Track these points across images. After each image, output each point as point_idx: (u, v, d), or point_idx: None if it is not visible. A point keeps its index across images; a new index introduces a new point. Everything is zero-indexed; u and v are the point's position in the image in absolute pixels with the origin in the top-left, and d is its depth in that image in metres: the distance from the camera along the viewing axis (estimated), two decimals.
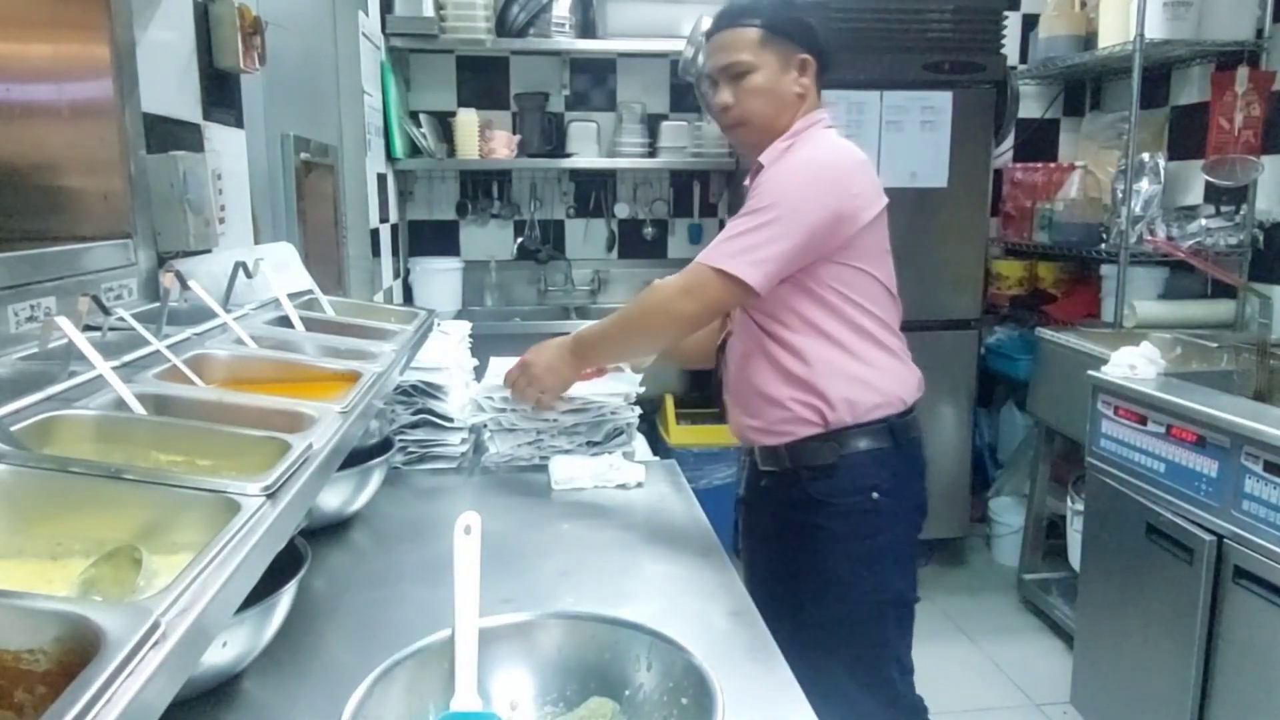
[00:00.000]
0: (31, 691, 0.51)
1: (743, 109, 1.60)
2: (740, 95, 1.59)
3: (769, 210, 1.50)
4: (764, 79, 1.58)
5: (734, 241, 1.51)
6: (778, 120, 1.61)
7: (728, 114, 1.62)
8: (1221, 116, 2.90)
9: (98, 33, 1.23)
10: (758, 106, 1.59)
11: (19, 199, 1.24)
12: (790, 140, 1.60)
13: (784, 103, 1.61)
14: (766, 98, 1.59)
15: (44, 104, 1.25)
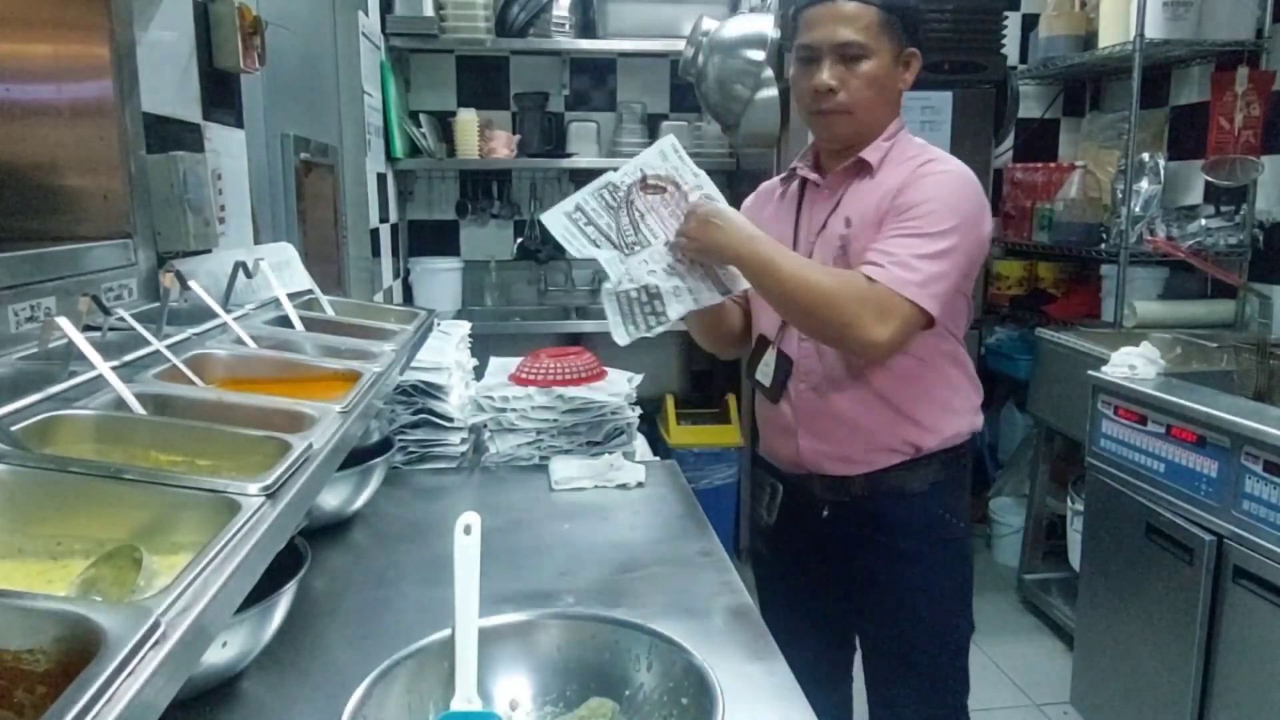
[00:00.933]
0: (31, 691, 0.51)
1: (852, 97, 1.41)
2: (850, 80, 1.40)
3: (952, 235, 1.36)
4: (878, 67, 1.40)
5: (925, 267, 1.34)
6: (881, 117, 1.46)
7: (829, 98, 1.41)
8: (1221, 116, 2.90)
9: (98, 33, 1.23)
10: (868, 98, 1.42)
11: (19, 199, 1.24)
12: (891, 141, 1.47)
13: (889, 99, 1.46)
14: (877, 90, 1.42)
15: (44, 104, 1.25)
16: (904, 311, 1.33)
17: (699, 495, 1.68)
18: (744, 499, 3.72)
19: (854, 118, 1.43)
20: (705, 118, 3.64)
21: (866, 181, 1.45)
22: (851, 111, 1.42)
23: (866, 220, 1.42)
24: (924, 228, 1.36)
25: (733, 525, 3.71)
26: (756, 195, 1.69)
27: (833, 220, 1.47)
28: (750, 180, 3.85)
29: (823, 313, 1.35)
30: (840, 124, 1.44)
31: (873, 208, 1.42)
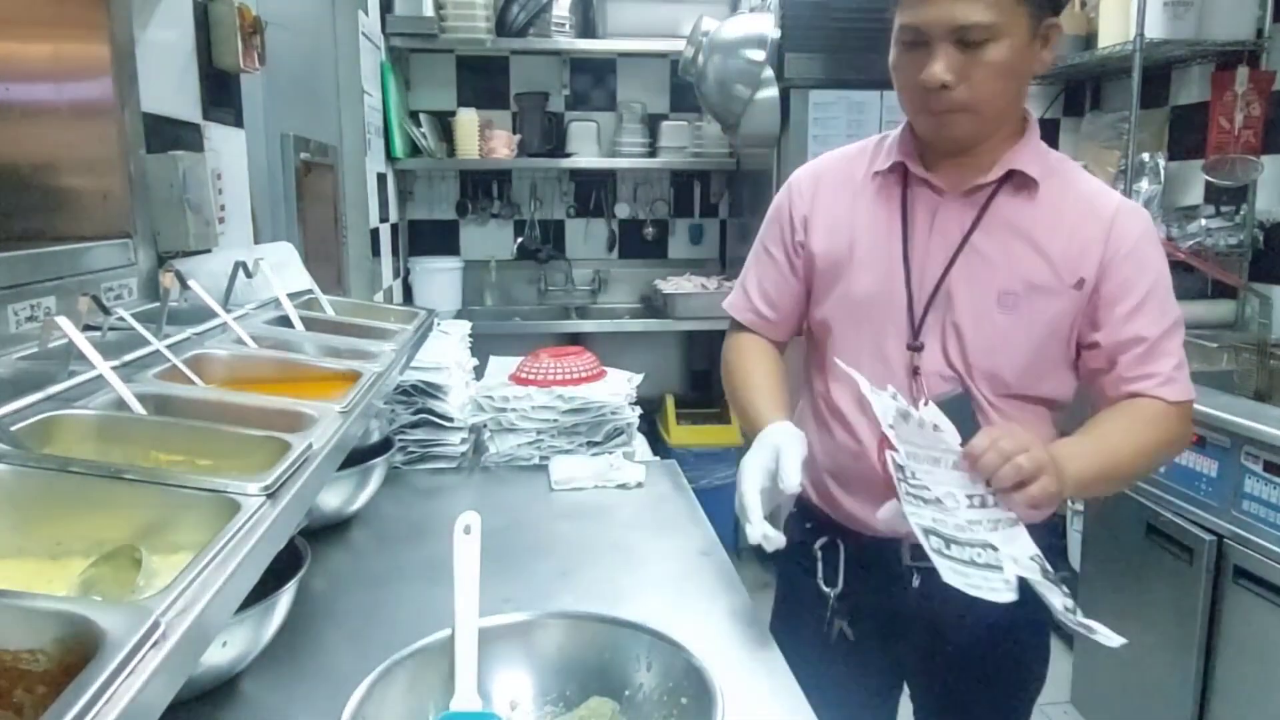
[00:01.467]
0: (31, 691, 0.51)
1: (976, 92, 1.10)
2: (973, 71, 1.09)
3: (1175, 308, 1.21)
4: (1010, 52, 1.08)
5: (1182, 356, 1.21)
6: (1012, 111, 1.18)
7: (943, 95, 1.11)
8: (1221, 116, 2.90)
9: (98, 32, 1.23)
10: (996, 92, 1.11)
11: (19, 199, 1.24)
12: (1037, 142, 1.21)
13: (1023, 88, 1.18)
14: (1009, 79, 1.12)
15: (44, 104, 1.25)
16: (1191, 411, 1.23)
17: (699, 495, 1.68)
18: None
19: (977, 117, 1.13)
20: (705, 118, 3.64)
21: (1025, 201, 1.18)
22: (975, 109, 1.12)
23: (1054, 270, 1.17)
24: (1170, 310, 1.20)
25: (733, 525, 3.71)
26: (822, 176, 1.32)
27: (983, 241, 1.18)
28: (751, 180, 3.87)
29: (1152, 466, 1.25)
30: (959, 125, 1.14)
31: (1057, 250, 1.16)
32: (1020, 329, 1.18)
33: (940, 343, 1.20)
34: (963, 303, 1.18)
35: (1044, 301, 1.17)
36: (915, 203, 1.22)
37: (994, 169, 1.18)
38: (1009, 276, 1.17)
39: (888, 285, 1.22)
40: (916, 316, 1.21)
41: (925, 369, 1.21)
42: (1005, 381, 1.20)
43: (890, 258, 1.22)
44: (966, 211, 1.20)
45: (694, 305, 3.51)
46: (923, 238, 1.21)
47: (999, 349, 1.18)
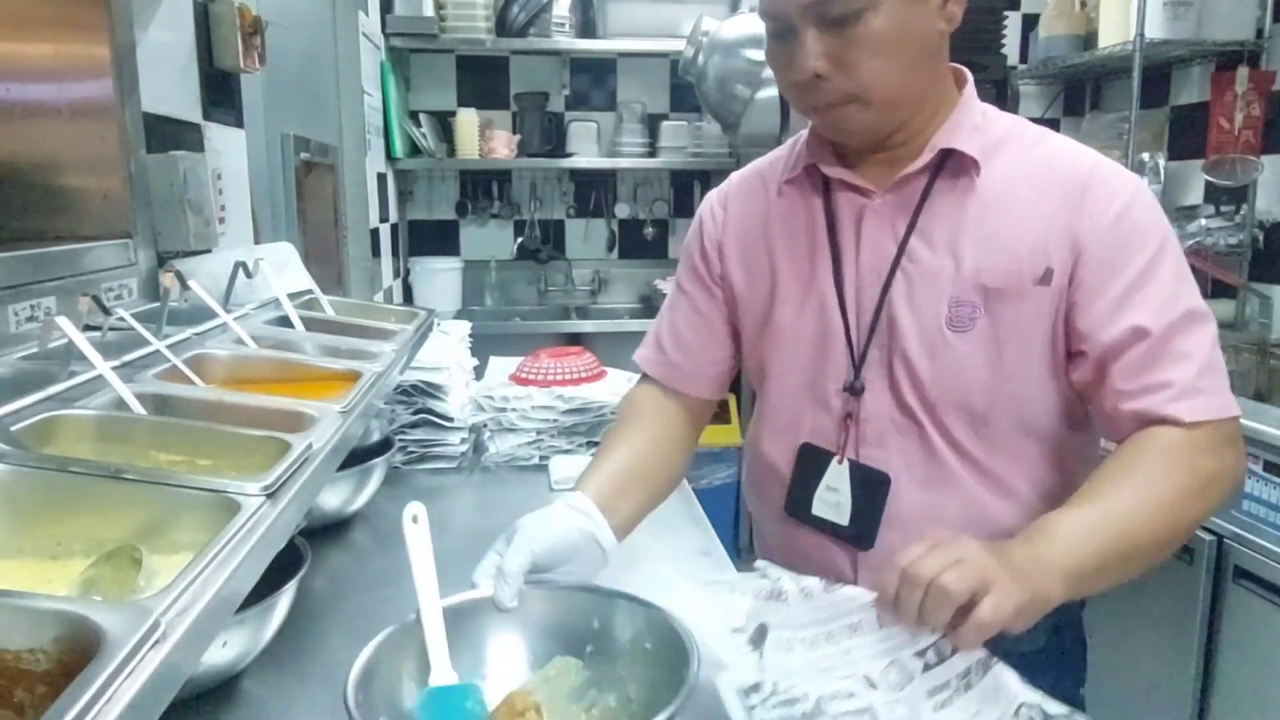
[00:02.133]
0: (31, 691, 0.51)
1: (856, 78, 0.90)
2: (848, 54, 0.90)
3: (1189, 280, 0.95)
4: (887, 21, 0.88)
5: (1213, 356, 0.93)
6: (921, 85, 0.95)
7: (821, 88, 0.92)
8: (1221, 116, 2.90)
9: (98, 33, 1.23)
10: (883, 71, 0.90)
11: (19, 199, 1.24)
12: (975, 112, 0.98)
13: (926, 53, 0.93)
14: (897, 52, 0.90)
15: (44, 104, 1.25)
16: (1234, 431, 0.93)
17: (699, 495, 1.68)
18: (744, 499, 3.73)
19: (869, 106, 0.92)
20: (705, 118, 3.64)
21: (967, 187, 0.96)
22: (862, 98, 0.92)
23: (1012, 264, 0.93)
24: (1184, 296, 0.92)
25: (733, 525, 3.71)
26: (731, 195, 1.16)
27: (921, 246, 0.96)
28: None
29: (1191, 523, 0.91)
30: (853, 119, 0.94)
31: (1012, 238, 0.94)
32: (980, 348, 0.94)
33: (887, 380, 0.99)
34: (907, 326, 0.96)
35: (1004, 309, 0.94)
36: (839, 210, 1.01)
37: (923, 154, 0.96)
38: (958, 285, 0.94)
39: (819, 317, 1.02)
40: (857, 351, 1.00)
41: (867, 415, 0.99)
42: (980, 415, 0.96)
43: (817, 282, 1.02)
44: (899, 213, 0.98)
45: None
46: (851, 252, 1.00)
47: (959, 377, 0.95)
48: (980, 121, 0.98)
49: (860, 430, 1.00)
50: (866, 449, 1.01)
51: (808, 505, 1.04)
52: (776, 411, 1.09)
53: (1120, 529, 0.84)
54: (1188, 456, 0.88)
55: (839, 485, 1.01)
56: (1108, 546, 0.83)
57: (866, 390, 1.00)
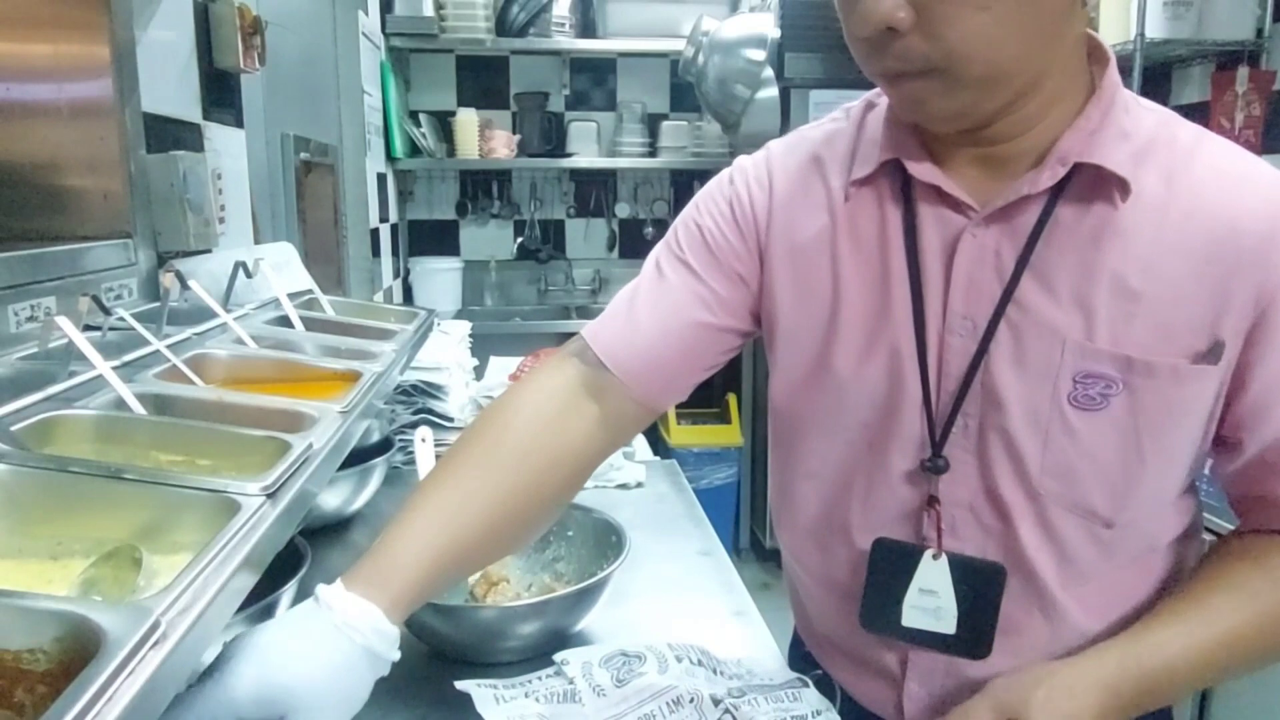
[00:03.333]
0: (31, 691, 0.51)
1: (943, 41, 0.64)
2: (938, 6, 0.63)
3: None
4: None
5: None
6: (1040, 65, 0.68)
7: (892, 46, 0.66)
8: (1221, 116, 2.90)
9: (98, 32, 1.23)
10: (985, 37, 0.64)
11: (19, 199, 1.24)
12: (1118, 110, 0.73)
13: (1055, 23, 0.67)
14: (1012, 17, 0.63)
15: (44, 104, 1.25)
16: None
17: (699, 495, 1.68)
18: (744, 499, 3.73)
19: (957, 83, 0.66)
20: (705, 117, 3.64)
21: (1107, 213, 0.71)
22: (949, 69, 0.65)
23: (1167, 330, 0.70)
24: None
25: (733, 525, 3.71)
26: (773, 171, 0.84)
27: (1036, 291, 0.72)
28: None
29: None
30: (934, 96, 0.68)
31: (1185, 302, 0.70)
32: (1110, 436, 0.72)
33: (977, 461, 0.76)
34: (1012, 399, 0.73)
35: (1151, 389, 0.70)
36: (924, 228, 0.75)
37: (1046, 165, 0.71)
38: (1086, 352, 0.71)
39: (889, 369, 0.77)
40: (938, 420, 0.76)
41: (950, 499, 0.77)
42: (1101, 517, 0.74)
43: (891, 324, 0.77)
44: (1007, 241, 0.73)
45: None
46: (938, 287, 0.75)
47: (1081, 470, 0.73)
48: (1126, 119, 0.72)
49: (939, 518, 0.78)
50: (948, 540, 0.78)
51: (897, 615, 0.80)
52: (821, 486, 0.84)
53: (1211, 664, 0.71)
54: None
55: (938, 587, 0.78)
56: (1193, 677, 0.72)
57: (950, 470, 0.77)
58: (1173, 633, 0.71)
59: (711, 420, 3.72)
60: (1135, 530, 0.76)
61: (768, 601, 1.32)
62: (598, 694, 0.86)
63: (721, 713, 0.81)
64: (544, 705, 0.86)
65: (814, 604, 0.91)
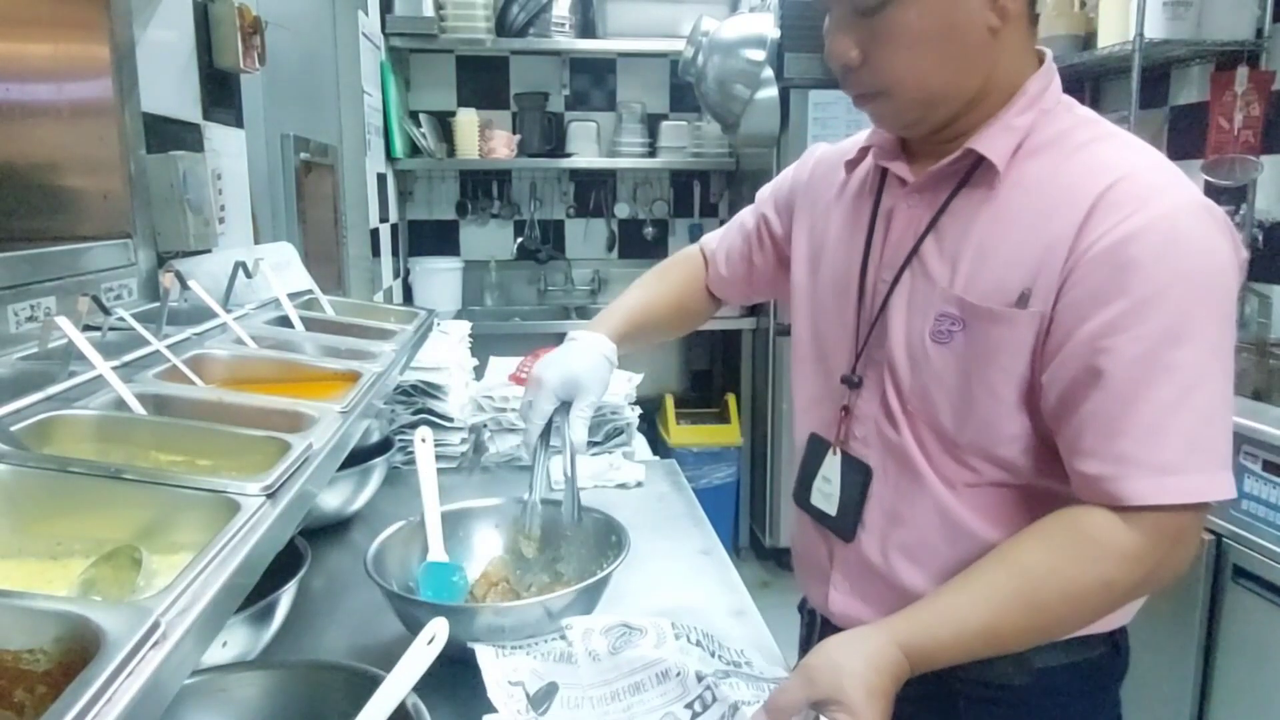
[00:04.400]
0: (31, 691, 0.51)
1: (882, 73, 0.86)
2: (874, 45, 0.85)
3: (1216, 362, 0.80)
4: (921, 11, 0.83)
5: (1210, 427, 0.80)
6: (960, 84, 0.87)
7: (850, 78, 0.90)
8: (1221, 116, 2.90)
9: (98, 32, 1.23)
10: (911, 67, 0.85)
11: (19, 199, 1.24)
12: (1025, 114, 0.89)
13: (965, 52, 0.85)
14: (926, 49, 0.84)
15: (44, 104, 1.25)
16: (1197, 520, 0.84)
17: (699, 495, 1.68)
18: (744, 498, 3.73)
19: (897, 102, 0.88)
20: (705, 118, 3.64)
21: (987, 194, 0.88)
22: (889, 93, 0.87)
23: (999, 283, 0.86)
24: (1189, 364, 0.78)
25: (733, 525, 3.71)
26: (821, 160, 1.12)
27: (932, 250, 0.91)
28: (751, 180, 3.86)
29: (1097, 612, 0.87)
30: (884, 113, 0.91)
31: (1015, 263, 0.85)
32: (952, 366, 0.89)
33: (879, 380, 0.96)
34: (897, 331, 0.93)
35: (980, 328, 0.86)
36: (884, 200, 0.99)
37: (955, 153, 0.89)
38: (946, 296, 0.89)
39: (841, 303, 1.01)
40: (858, 345, 0.98)
41: (860, 411, 0.98)
42: (949, 435, 0.91)
43: (849, 269, 1.00)
44: (925, 213, 0.93)
45: None
46: (879, 242, 0.97)
47: (932, 392, 0.91)
48: (1024, 121, 0.88)
49: (851, 424, 0.99)
50: (856, 443, 0.99)
51: (808, 494, 1.04)
52: (799, 381, 1.11)
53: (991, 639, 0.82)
54: (1111, 566, 0.81)
55: (832, 476, 1.01)
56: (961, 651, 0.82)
57: (863, 386, 0.98)
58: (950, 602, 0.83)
59: (711, 420, 3.72)
60: (976, 450, 0.90)
61: (768, 600, 1.32)
62: (593, 659, 0.95)
63: (703, 689, 0.89)
64: (540, 663, 0.94)
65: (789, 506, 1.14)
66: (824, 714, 0.75)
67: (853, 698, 0.75)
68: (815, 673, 0.78)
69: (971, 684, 0.94)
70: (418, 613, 1.04)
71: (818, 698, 0.76)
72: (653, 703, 0.90)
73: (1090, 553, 0.81)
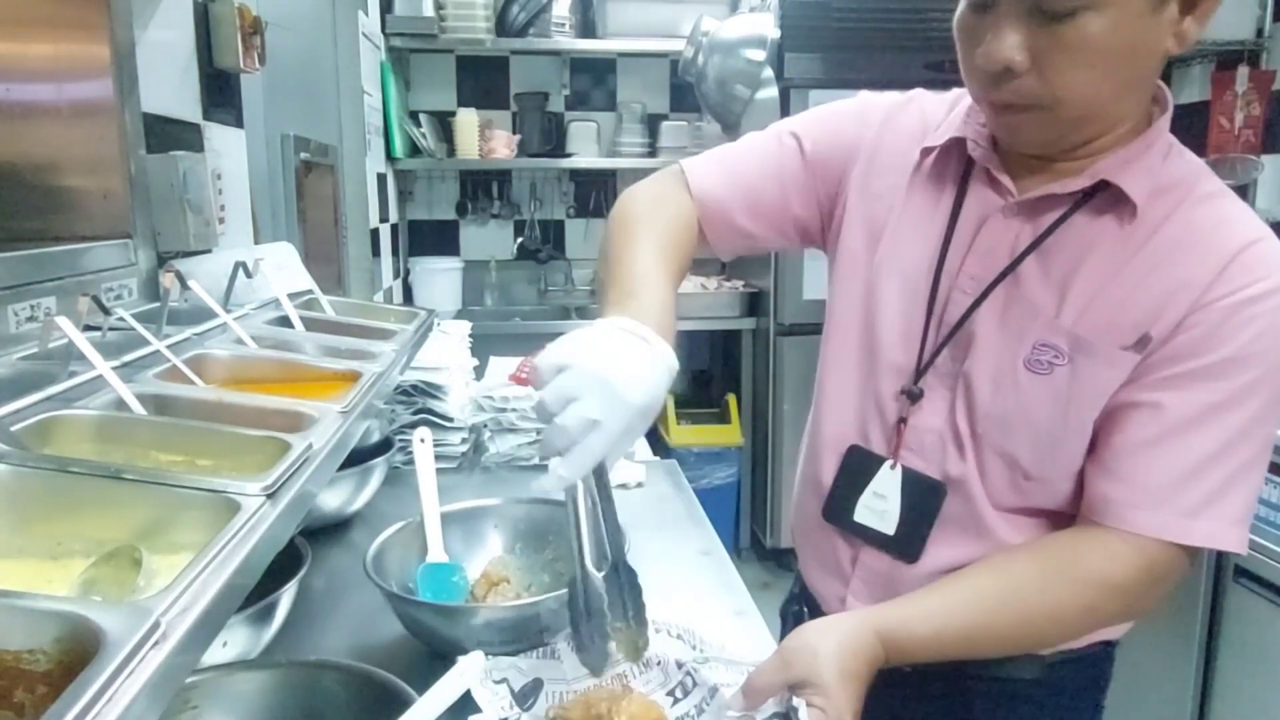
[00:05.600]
0: (31, 691, 0.51)
1: (1054, 84, 0.77)
2: (1054, 54, 0.76)
3: (1266, 430, 0.82)
4: (1112, 26, 0.74)
5: (1238, 483, 0.82)
6: (1120, 108, 0.82)
7: (1008, 84, 0.79)
8: (1222, 115, 2.90)
9: (98, 32, 1.23)
10: (1088, 82, 0.77)
11: (19, 199, 1.24)
12: (1157, 149, 0.85)
13: (1139, 76, 0.81)
14: (1110, 66, 0.77)
15: (44, 104, 1.25)
16: (1184, 566, 0.87)
17: (699, 495, 1.68)
18: (744, 499, 3.73)
19: (1055, 117, 0.80)
20: (705, 118, 3.64)
21: (1112, 226, 0.84)
22: (1052, 107, 0.79)
23: (1113, 323, 0.82)
24: (1230, 414, 0.80)
25: (733, 525, 3.71)
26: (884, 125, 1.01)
27: (1034, 272, 0.86)
28: None
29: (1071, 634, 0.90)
30: (1030, 127, 0.83)
31: (1135, 304, 0.82)
32: (1046, 399, 0.85)
33: (948, 397, 0.90)
34: (984, 349, 0.87)
35: (1088, 366, 0.83)
36: (969, 200, 0.91)
37: (1081, 176, 0.84)
38: (1052, 327, 0.84)
39: (906, 303, 0.93)
40: (925, 354, 0.91)
41: (918, 425, 0.92)
42: (1021, 466, 0.88)
43: (918, 267, 0.92)
44: (1026, 228, 0.87)
45: (694, 305, 3.51)
46: (960, 250, 0.90)
47: (1014, 422, 0.86)
48: (1158, 159, 0.85)
49: (906, 437, 0.93)
50: (910, 456, 0.93)
51: (849, 511, 0.97)
52: (834, 375, 1.00)
53: (968, 643, 0.83)
54: (1099, 593, 0.83)
55: (888, 492, 0.94)
56: (947, 650, 0.84)
57: (924, 398, 0.91)
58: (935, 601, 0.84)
59: (711, 420, 3.71)
60: (1049, 488, 0.88)
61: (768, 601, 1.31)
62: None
63: (683, 675, 0.91)
64: (523, 659, 0.95)
65: (796, 496, 1.09)
66: (798, 695, 0.77)
67: (826, 679, 0.76)
68: (791, 655, 0.79)
69: (985, 680, 0.95)
70: (418, 613, 1.04)
71: (793, 679, 0.77)
72: (635, 691, 0.92)
73: (1082, 576, 0.83)
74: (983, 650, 0.85)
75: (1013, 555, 0.86)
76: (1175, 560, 0.84)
